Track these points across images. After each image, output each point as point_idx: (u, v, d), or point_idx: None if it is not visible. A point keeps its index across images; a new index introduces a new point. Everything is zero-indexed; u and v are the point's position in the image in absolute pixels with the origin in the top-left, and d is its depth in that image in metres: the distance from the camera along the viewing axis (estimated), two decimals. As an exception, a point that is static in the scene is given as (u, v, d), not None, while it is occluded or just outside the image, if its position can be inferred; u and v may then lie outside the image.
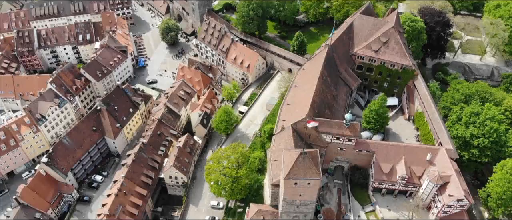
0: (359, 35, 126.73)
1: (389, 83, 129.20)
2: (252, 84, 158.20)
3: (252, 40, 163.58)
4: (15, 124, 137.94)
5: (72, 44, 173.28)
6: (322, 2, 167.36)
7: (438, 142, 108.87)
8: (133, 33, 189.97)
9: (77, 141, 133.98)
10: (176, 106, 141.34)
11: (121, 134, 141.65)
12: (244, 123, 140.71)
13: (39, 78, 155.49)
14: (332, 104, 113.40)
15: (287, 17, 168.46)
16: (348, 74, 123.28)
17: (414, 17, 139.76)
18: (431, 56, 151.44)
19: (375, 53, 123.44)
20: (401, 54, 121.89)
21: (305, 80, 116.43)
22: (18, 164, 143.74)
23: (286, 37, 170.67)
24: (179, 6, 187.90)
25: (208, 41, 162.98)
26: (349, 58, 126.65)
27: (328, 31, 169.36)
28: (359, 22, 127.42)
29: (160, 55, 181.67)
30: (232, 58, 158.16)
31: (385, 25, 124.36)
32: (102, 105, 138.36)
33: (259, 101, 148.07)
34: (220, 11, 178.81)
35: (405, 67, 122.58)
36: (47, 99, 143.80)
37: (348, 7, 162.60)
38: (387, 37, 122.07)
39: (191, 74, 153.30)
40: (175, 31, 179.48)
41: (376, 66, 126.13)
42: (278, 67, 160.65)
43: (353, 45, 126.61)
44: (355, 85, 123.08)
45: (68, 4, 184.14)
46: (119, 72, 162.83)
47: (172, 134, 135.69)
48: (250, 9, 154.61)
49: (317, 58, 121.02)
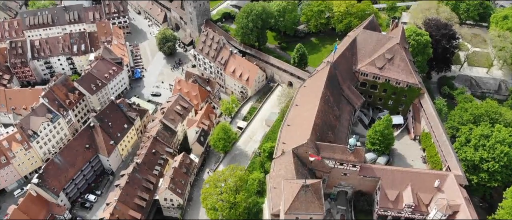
0: (362, 51, 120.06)
1: (394, 101, 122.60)
2: (252, 98, 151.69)
3: (252, 51, 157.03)
4: (6, 141, 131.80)
5: (66, 55, 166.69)
6: (323, 12, 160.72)
7: (446, 166, 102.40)
8: (129, 43, 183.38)
9: (69, 159, 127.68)
10: (172, 122, 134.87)
11: (115, 151, 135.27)
12: (243, 140, 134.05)
13: (32, 91, 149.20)
14: (335, 125, 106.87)
15: (288, 27, 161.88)
16: (351, 92, 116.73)
17: (419, 31, 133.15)
18: (436, 69, 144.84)
19: (379, 70, 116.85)
20: (407, 72, 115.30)
21: (306, 99, 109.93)
22: (9, 182, 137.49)
23: (286, 48, 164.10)
24: (176, 15, 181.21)
25: (206, 52, 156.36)
26: (352, 74, 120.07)
27: (329, 41, 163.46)
28: (362, 37, 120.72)
29: (157, 66, 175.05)
30: (230, 70, 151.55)
31: (390, 40, 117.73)
32: (95, 122, 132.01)
33: (258, 116, 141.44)
34: (218, 21, 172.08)
35: (410, 85, 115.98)
36: (39, 114, 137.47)
37: (350, 18, 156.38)
38: (392, 53, 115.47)
39: (188, 87, 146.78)
40: (172, 42, 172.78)
41: (381, 84, 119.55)
42: (278, 80, 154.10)
43: (357, 61, 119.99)
44: (358, 103, 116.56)
45: (63, 13, 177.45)
46: (114, 84, 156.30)
47: (168, 152, 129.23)
48: (249, 20, 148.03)
49: (319, 75, 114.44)
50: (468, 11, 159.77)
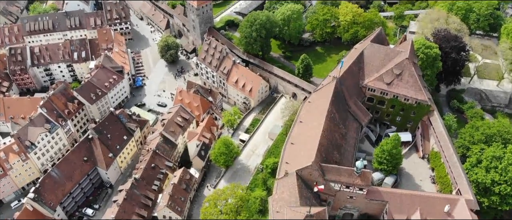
0: (370, 65, 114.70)
1: (402, 118, 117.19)
2: (255, 109, 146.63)
3: (255, 61, 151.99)
4: (3, 152, 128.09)
5: (66, 62, 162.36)
6: (329, 21, 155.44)
7: (456, 189, 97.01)
8: (131, 49, 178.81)
9: (66, 173, 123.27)
10: (172, 134, 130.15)
11: (114, 164, 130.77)
12: (245, 154, 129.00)
13: (31, 100, 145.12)
14: (341, 144, 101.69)
15: (292, 36, 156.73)
16: (358, 108, 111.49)
17: (428, 43, 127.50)
18: (445, 82, 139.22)
19: (387, 85, 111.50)
20: (416, 88, 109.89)
21: (311, 116, 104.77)
22: (6, 193, 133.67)
23: (291, 57, 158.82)
24: (179, 22, 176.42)
25: (209, 62, 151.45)
26: (359, 89, 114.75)
27: (335, 51, 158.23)
28: (370, 51, 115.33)
29: (159, 74, 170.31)
30: (233, 80, 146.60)
31: (399, 55, 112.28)
32: (94, 134, 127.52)
33: (261, 128, 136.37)
34: (222, 29, 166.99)
35: (420, 101, 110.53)
36: (38, 124, 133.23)
37: (356, 28, 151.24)
38: (400, 69, 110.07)
39: (189, 98, 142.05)
40: (174, 49, 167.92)
41: (389, 99, 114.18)
42: (282, 91, 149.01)
43: (364, 76, 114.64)
44: (365, 120, 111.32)
45: (64, 19, 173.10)
46: (114, 93, 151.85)
47: (168, 166, 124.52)
48: (253, 30, 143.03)
49: (324, 90, 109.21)
50: (478, 21, 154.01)
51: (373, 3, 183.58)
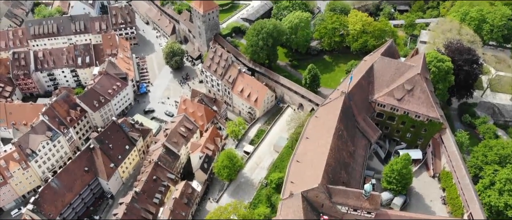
0: (380, 79, 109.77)
1: (413, 134, 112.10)
2: (260, 119, 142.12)
3: (261, 69, 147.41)
4: (3, 160, 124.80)
5: (70, 67, 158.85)
6: (338, 30, 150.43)
7: (468, 213, 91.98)
8: (136, 55, 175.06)
9: (67, 183, 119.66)
10: (175, 145, 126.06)
11: (115, 174, 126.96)
12: (249, 166, 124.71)
13: (33, 106, 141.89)
14: (349, 163, 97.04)
15: (300, 45, 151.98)
16: (367, 124, 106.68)
17: (440, 56, 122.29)
18: (457, 96, 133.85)
19: (398, 101, 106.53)
20: (428, 105, 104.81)
21: (317, 132, 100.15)
22: (6, 201, 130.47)
23: (298, 66, 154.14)
24: (185, 28, 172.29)
25: (214, 70, 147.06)
26: (368, 105, 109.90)
27: (343, 60, 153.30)
28: (380, 65, 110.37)
29: (164, 80, 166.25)
30: (238, 90, 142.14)
31: (410, 70, 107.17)
32: (95, 144, 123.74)
33: (266, 140, 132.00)
34: (228, 35, 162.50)
35: (431, 119, 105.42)
36: (39, 132, 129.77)
37: (366, 37, 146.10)
38: (412, 84, 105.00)
39: (193, 107, 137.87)
40: (180, 56, 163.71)
41: (399, 116, 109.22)
42: (288, 101, 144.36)
43: (373, 90, 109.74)
44: (375, 137, 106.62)
45: (69, 23, 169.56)
46: (118, 100, 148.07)
47: (170, 179, 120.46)
48: (259, 38, 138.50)
49: (332, 105, 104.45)
50: (491, 32, 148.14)
51: (383, 10, 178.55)
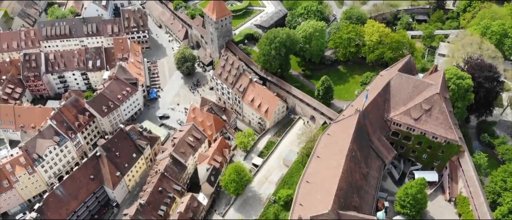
0: (396, 97, 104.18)
1: (429, 155, 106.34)
2: (270, 130, 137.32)
3: (273, 79, 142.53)
4: (10, 164, 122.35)
5: (81, 70, 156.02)
6: (353, 40, 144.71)
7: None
8: (148, 59, 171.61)
9: (72, 191, 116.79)
10: (183, 155, 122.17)
11: (121, 183, 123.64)
12: (257, 180, 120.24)
13: (41, 110, 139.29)
14: (361, 186, 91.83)
15: (313, 55, 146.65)
16: (382, 144, 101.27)
17: (460, 73, 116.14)
18: (476, 114, 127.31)
19: (415, 121, 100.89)
20: (446, 126, 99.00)
21: (329, 152, 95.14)
22: (12, 205, 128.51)
23: (311, 76, 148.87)
24: (198, 34, 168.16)
25: (225, 78, 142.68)
26: (384, 123, 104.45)
27: (358, 71, 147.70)
28: (397, 82, 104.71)
29: (174, 86, 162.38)
30: (249, 99, 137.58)
31: (429, 88, 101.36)
32: (102, 151, 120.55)
33: (276, 152, 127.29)
34: (240, 42, 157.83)
35: (449, 141, 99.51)
36: (47, 136, 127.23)
37: (383, 49, 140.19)
38: (430, 104, 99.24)
39: (202, 116, 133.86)
40: (191, 62, 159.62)
41: (415, 136, 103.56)
42: (299, 113, 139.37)
43: (389, 108, 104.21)
44: (389, 158, 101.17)
45: (81, 25, 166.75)
46: (127, 106, 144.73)
47: (176, 190, 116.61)
48: (272, 48, 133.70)
49: (346, 123, 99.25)
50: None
51: (401, 20, 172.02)
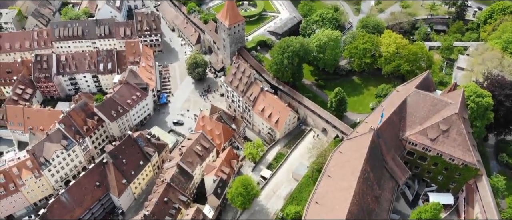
0: (413, 116, 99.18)
1: (445, 177, 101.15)
2: (280, 141, 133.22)
3: (285, 88, 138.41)
4: (16, 167, 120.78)
5: (92, 73, 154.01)
6: (369, 51, 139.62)
7: None
8: (159, 63, 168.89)
9: (77, 198, 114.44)
10: (190, 165, 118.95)
11: (127, 190, 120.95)
12: (265, 193, 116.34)
13: (50, 112, 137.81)
14: (373, 209, 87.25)
15: (327, 64, 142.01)
16: (396, 164, 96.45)
17: (480, 91, 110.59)
18: (495, 133, 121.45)
19: (431, 141, 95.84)
20: (464, 148, 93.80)
21: (341, 171, 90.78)
22: (17, 208, 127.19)
23: (324, 86, 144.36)
24: (210, 39, 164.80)
25: (236, 86, 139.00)
26: (399, 142, 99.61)
27: (373, 83, 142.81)
28: (414, 100, 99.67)
29: (185, 91, 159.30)
30: (259, 109, 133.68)
31: (447, 107, 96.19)
32: (108, 158, 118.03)
33: (285, 165, 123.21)
34: (253, 49, 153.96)
35: (467, 164, 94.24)
36: (54, 140, 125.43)
37: (399, 61, 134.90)
38: (448, 124, 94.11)
39: (211, 125, 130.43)
40: (202, 67, 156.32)
41: (431, 156, 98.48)
42: (311, 124, 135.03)
43: (405, 127, 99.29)
44: (403, 179, 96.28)
45: (94, 27, 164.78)
46: (136, 111, 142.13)
47: (181, 201, 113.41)
48: (284, 57, 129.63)
49: (359, 141, 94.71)
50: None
51: (419, 29, 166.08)
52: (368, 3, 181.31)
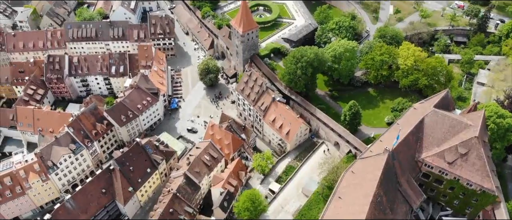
0: (430, 137, 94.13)
1: (461, 202, 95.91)
2: (290, 153, 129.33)
3: (297, 98, 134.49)
4: (24, 170, 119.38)
5: (104, 75, 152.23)
6: (386, 63, 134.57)
7: None
8: (172, 67, 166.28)
9: (82, 204, 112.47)
10: (197, 175, 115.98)
11: (133, 198, 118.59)
12: (273, 208, 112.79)
13: (60, 115, 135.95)
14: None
15: (342, 75, 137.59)
16: (411, 186, 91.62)
17: (501, 111, 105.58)
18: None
19: (449, 165, 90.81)
20: (483, 173, 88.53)
21: (353, 194, 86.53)
22: (23, 211, 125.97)
23: (338, 97, 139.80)
24: (223, 44, 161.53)
25: (247, 94, 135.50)
26: (414, 164, 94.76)
27: (389, 96, 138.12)
28: (432, 120, 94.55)
29: (196, 97, 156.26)
30: (270, 119, 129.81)
31: (467, 130, 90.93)
32: (115, 165, 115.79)
33: (295, 179, 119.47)
34: (266, 56, 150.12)
35: (485, 190, 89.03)
36: (63, 144, 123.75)
37: (417, 75, 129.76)
38: (467, 148, 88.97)
39: (221, 134, 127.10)
40: (214, 73, 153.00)
41: (448, 180, 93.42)
42: (323, 137, 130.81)
43: (421, 148, 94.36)
44: (417, 203, 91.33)
45: (107, 29, 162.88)
46: (146, 116, 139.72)
47: (187, 212, 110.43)
48: (298, 67, 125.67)
49: (373, 163, 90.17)
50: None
51: (439, 40, 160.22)
52: (386, 12, 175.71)
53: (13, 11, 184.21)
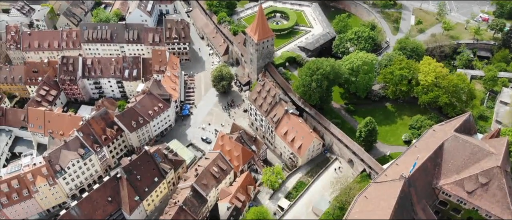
0: (449, 163, 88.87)
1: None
2: (302, 168, 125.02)
3: (311, 111, 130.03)
4: (31, 173, 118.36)
5: (117, 78, 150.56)
6: (406, 78, 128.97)
7: None
8: (185, 72, 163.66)
9: (87, 212, 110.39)
10: (204, 188, 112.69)
11: (139, 207, 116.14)
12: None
13: (71, 118, 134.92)
14: (396, 266, 78.14)
15: (359, 89, 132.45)
16: (427, 215, 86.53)
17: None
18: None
19: (468, 194, 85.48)
20: (503, 205, 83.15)
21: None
22: (30, 214, 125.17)
23: (354, 112, 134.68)
24: (238, 51, 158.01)
25: (260, 105, 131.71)
26: (431, 190, 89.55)
27: (408, 112, 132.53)
28: (452, 145, 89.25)
29: (208, 103, 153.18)
30: (282, 131, 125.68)
31: (488, 158, 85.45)
32: (122, 173, 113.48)
33: (305, 196, 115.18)
34: (281, 65, 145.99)
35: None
36: (72, 148, 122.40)
37: (438, 92, 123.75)
38: (488, 178, 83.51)
39: (231, 145, 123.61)
40: (227, 81, 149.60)
41: (466, 210, 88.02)
42: (337, 152, 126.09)
43: (440, 175, 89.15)
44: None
45: (123, 31, 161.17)
46: (157, 122, 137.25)
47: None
48: (313, 79, 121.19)
49: (388, 189, 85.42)
50: None
51: (461, 55, 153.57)
52: (408, 23, 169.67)
53: (30, 9, 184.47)
